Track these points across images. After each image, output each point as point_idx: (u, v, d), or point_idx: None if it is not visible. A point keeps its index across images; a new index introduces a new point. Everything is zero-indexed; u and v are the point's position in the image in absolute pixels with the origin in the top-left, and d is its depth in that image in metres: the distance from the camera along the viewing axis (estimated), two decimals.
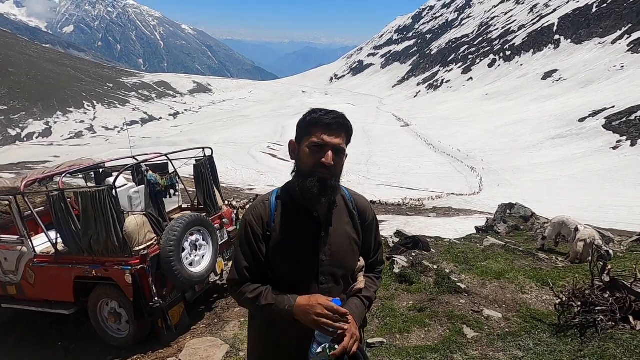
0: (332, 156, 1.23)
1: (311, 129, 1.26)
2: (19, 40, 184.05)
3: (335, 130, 1.24)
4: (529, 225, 9.51)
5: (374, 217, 1.48)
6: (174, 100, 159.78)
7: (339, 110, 1.32)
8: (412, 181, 42.84)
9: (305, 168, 1.27)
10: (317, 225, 1.32)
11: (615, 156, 42.11)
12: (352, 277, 1.42)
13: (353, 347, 1.20)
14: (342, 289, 1.38)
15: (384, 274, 4.68)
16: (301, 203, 1.32)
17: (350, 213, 1.40)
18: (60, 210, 3.36)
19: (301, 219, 1.33)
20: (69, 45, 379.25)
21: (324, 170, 1.23)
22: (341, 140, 1.26)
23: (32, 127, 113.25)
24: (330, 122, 1.24)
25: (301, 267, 1.32)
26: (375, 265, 1.51)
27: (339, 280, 1.36)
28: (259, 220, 1.34)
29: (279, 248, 1.32)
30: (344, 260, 1.36)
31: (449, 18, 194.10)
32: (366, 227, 1.44)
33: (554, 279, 3.61)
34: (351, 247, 1.38)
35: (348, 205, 1.40)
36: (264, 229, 1.33)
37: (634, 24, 75.97)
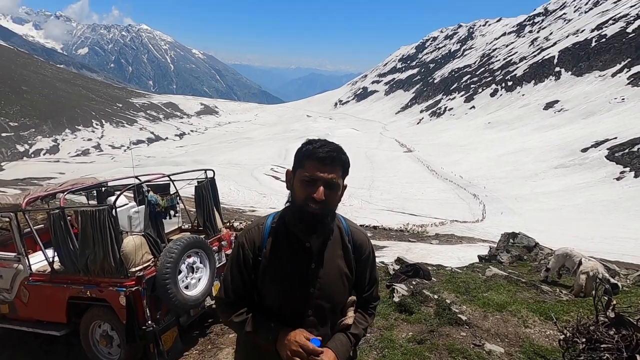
0: (323, 191, 1.20)
1: (305, 162, 1.24)
2: (34, 60, 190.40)
3: (328, 165, 1.21)
4: (533, 255, 9.36)
5: (371, 252, 1.44)
6: (181, 121, 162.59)
7: (342, 134, 1.30)
8: (415, 207, 42.62)
9: (297, 201, 1.26)
10: (308, 257, 1.30)
11: (619, 187, 41.89)
12: (341, 311, 1.38)
13: None
14: (329, 323, 1.35)
15: (383, 302, 4.61)
16: (294, 233, 1.30)
17: (345, 246, 1.36)
18: (60, 228, 3.36)
19: (293, 248, 1.31)
20: (82, 66, 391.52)
21: (315, 205, 1.20)
22: (335, 174, 1.23)
23: (40, 144, 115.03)
24: (324, 156, 1.21)
25: (288, 297, 1.30)
26: (369, 301, 1.47)
27: (325, 313, 1.33)
28: (251, 244, 1.33)
29: (267, 275, 1.31)
30: (333, 294, 1.33)
31: (452, 49, 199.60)
32: (361, 262, 1.40)
33: (558, 313, 3.52)
34: (342, 281, 1.35)
35: (343, 238, 1.37)
36: (254, 253, 1.32)
37: (632, 59, 77.64)
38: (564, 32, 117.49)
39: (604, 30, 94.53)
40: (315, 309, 1.30)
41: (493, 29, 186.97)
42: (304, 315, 1.30)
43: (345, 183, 1.32)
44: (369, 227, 25.02)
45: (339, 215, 1.39)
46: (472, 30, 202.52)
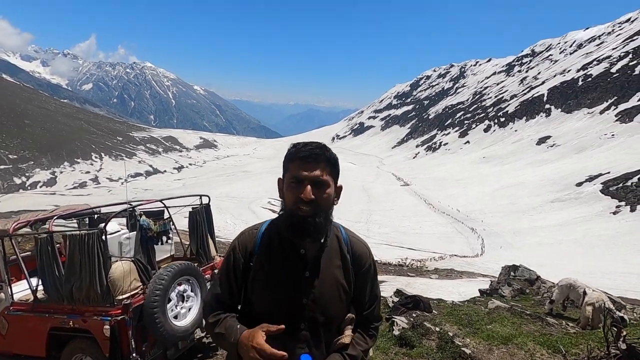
0: (310, 190, 1.15)
1: (289, 165, 1.21)
2: (39, 95, 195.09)
3: (312, 163, 1.18)
4: (535, 289, 9.14)
5: (372, 265, 1.35)
6: (180, 154, 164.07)
7: (340, 168, 1.25)
8: (413, 241, 42.13)
9: (287, 206, 1.21)
10: (303, 264, 1.23)
11: (616, 221, 41.83)
12: (337, 329, 1.27)
13: None
14: (324, 342, 1.24)
15: (382, 336, 4.39)
16: (288, 238, 1.24)
17: (343, 257, 1.28)
18: (46, 253, 3.24)
19: (286, 254, 1.23)
20: (86, 100, 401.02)
21: (304, 206, 1.15)
22: (320, 172, 1.18)
23: (37, 177, 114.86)
24: (306, 154, 1.18)
25: (280, 307, 1.21)
26: (370, 320, 1.36)
27: (319, 328, 1.23)
28: (243, 248, 1.28)
29: (258, 282, 1.23)
30: (328, 306, 1.23)
31: (445, 87, 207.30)
32: (361, 275, 1.31)
33: (566, 345, 3.35)
34: (338, 293, 1.25)
35: (342, 248, 1.29)
36: (246, 258, 1.26)
37: (618, 97, 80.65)
38: (551, 71, 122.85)
39: (589, 70, 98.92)
40: (309, 322, 1.21)
41: (484, 69, 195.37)
42: (296, 329, 1.21)
43: (340, 184, 1.27)
44: None
45: (339, 224, 1.33)
46: (463, 70, 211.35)
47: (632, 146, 60.93)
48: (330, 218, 1.25)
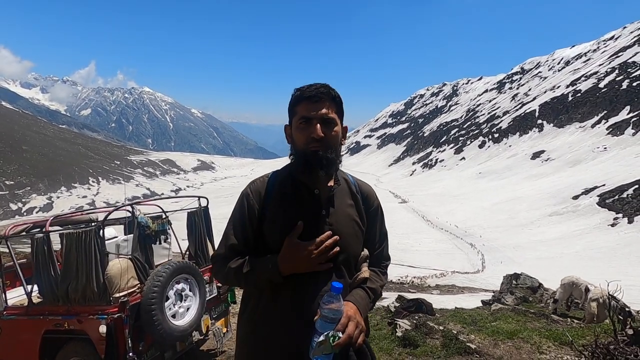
0: (320, 128, 1.18)
1: (296, 107, 1.23)
2: (37, 121, 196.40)
3: (319, 102, 1.20)
4: (538, 296, 8.99)
5: (379, 204, 1.41)
6: (177, 177, 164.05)
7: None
8: (413, 258, 41.71)
9: (298, 147, 1.23)
10: (318, 204, 1.24)
11: (615, 233, 41.77)
12: (355, 266, 1.29)
13: (359, 339, 1.07)
14: (343, 277, 1.25)
15: (385, 338, 4.29)
16: (301, 180, 1.26)
17: (354, 196, 1.33)
18: (42, 254, 3.19)
19: (300, 196, 1.25)
20: (84, 126, 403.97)
21: (316, 144, 1.18)
22: (327, 110, 1.21)
23: (34, 202, 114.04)
24: (312, 94, 1.20)
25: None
26: (380, 259, 1.38)
27: (340, 265, 1.23)
28: (256, 194, 1.28)
29: (275, 225, 1.23)
30: (347, 243, 1.24)
31: (438, 105, 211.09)
32: (371, 214, 1.35)
33: (573, 337, 3.28)
34: (354, 230, 1.28)
35: (351, 188, 1.34)
36: (260, 204, 1.27)
37: (608, 111, 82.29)
38: (541, 88, 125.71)
39: (578, 86, 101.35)
40: (330, 260, 1.21)
41: (475, 87, 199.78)
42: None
43: (345, 124, 1.31)
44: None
45: (343, 170, 1.37)
46: (456, 88, 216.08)
47: (624, 158, 61.69)
48: (340, 156, 1.29)
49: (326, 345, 1.01)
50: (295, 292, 1.19)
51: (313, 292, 1.17)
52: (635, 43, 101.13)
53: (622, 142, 69.50)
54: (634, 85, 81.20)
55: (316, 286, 1.18)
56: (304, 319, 1.13)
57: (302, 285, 1.19)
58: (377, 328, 5.03)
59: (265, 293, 1.22)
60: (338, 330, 1.04)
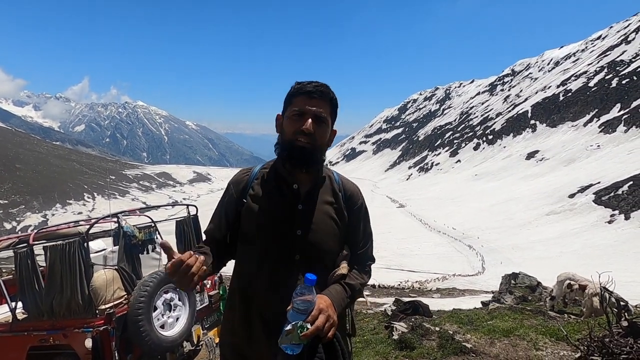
0: (311, 123, 1.18)
1: (293, 99, 1.23)
2: (31, 139, 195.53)
3: (316, 99, 1.21)
4: (537, 295, 8.95)
5: (363, 204, 1.38)
6: (174, 189, 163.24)
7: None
8: (412, 263, 41.59)
9: (286, 137, 1.23)
10: (296, 198, 1.24)
11: (612, 230, 41.94)
12: (332, 266, 1.27)
13: (329, 332, 1.05)
14: (319, 274, 1.20)
15: (382, 342, 4.23)
16: (281, 174, 1.27)
17: (335, 194, 1.31)
18: (26, 268, 3.12)
19: (279, 189, 1.26)
20: (78, 142, 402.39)
21: (304, 137, 1.18)
22: (323, 109, 1.22)
23: (28, 220, 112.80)
24: (311, 90, 1.21)
25: (275, 239, 1.22)
26: (365, 258, 1.36)
27: (313, 261, 1.22)
28: (237, 184, 1.32)
29: (252, 216, 1.25)
30: (322, 240, 1.23)
31: (432, 109, 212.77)
32: (354, 212, 1.33)
33: (569, 332, 3.24)
34: (331, 228, 1.26)
35: (333, 185, 1.33)
36: (239, 194, 1.29)
37: (599, 109, 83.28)
38: (532, 89, 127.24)
39: (568, 86, 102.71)
40: (303, 254, 1.22)
41: (467, 90, 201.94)
42: (291, 261, 1.21)
43: (335, 129, 1.30)
44: (368, 286, 24.04)
45: (330, 168, 1.37)
46: (448, 92, 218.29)
47: (618, 155, 62.26)
48: (324, 156, 1.29)
49: (293, 335, 1.00)
50: (265, 290, 1.21)
51: (284, 293, 1.16)
52: (622, 42, 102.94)
53: (615, 140, 70.23)
54: (623, 83, 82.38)
55: (287, 285, 1.17)
56: (274, 307, 1.16)
57: (273, 283, 1.20)
58: (375, 332, 4.96)
59: (237, 300, 1.28)
60: (307, 322, 1.03)
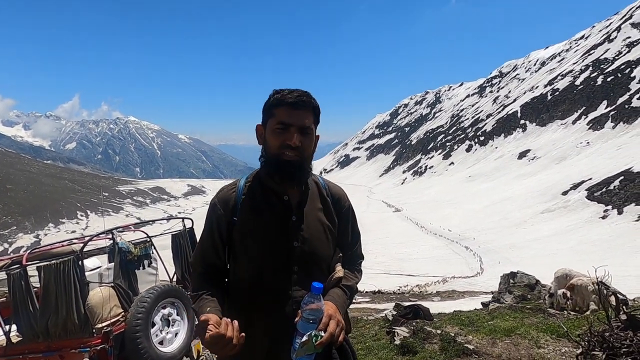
0: (297, 137, 1.17)
1: (275, 110, 1.20)
2: (21, 158, 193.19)
3: (300, 110, 1.19)
4: (536, 293, 8.97)
5: (350, 206, 1.40)
6: (168, 204, 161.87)
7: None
8: (411, 267, 41.53)
9: (271, 151, 1.20)
10: (288, 209, 1.23)
11: (606, 225, 42.34)
12: (328, 269, 1.29)
13: (340, 337, 1.07)
14: (316, 280, 1.22)
15: (384, 347, 4.20)
16: (270, 187, 1.25)
17: (324, 199, 1.31)
18: (20, 289, 3.06)
19: (270, 202, 1.24)
20: (70, 160, 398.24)
21: (291, 151, 1.17)
22: (307, 119, 1.20)
23: (21, 241, 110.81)
24: (294, 101, 1.18)
25: (271, 253, 1.20)
26: (355, 258, 1.40)
27: (311, 269, 1.23)
28: (223, 203, 1.26)
29: (245, 233, 1.22)
30: (318, 247, 1.24)
31: (423, 112, 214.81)
32: (342, 215, 1.35)
33: (570, 328, 3.25)
34: (325, 234, 1.27)
35: (321, 192, 1.33)
36: (228, 213, 1.25)
37: (586, 107, 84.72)
38: (520, 89, 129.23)
39: (555, 85, 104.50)
40: (301, 265, 1.21)
41: (457, 93, 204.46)
42: (289, 272, 1.20)
43: (318, 134, 1.28)
44: (367, 292, 23.92)
45: (314, 173, 1.36)
46: (438, 95, 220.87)
47: (607, 151, 63.21)
48: (311, 165, 1.29)
49: (309, 345, 1.02)
50: (266, 306, 1.19)
51: (287, 307, 1.19)
52: (605, 40, 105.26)
53: (604, 136, 71.37)
54: (608, 81, 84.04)
55: (288, 296, 1.20)
56: (277, 324, 1.17)
57: (273, 297, 1.19)
58: (376, 338, 4.92)
59: (236, 316, 1.19)
60: (320, 330, 1.04)
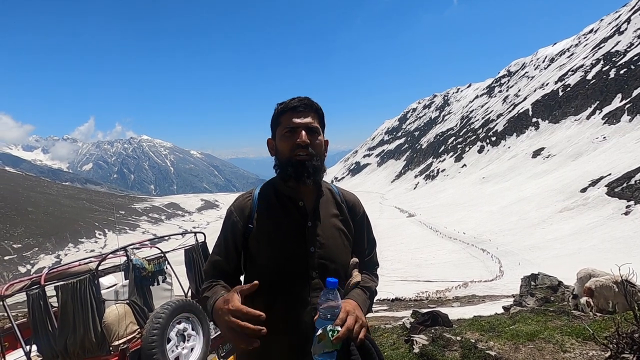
0: (305, 135, 1.20)
1: (280, 118, 1.25)
2: (41, 181, 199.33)
3: (303, 112, 1.23)
4: (559, 295, 8.68)
5: (365, 213, 1.40)
6: (183, 219, 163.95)
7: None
8: (429, 272, 40.77)
9: (283, 156, 1.23)
10: (304, 215, 1.24)
11: (630, 221, 40.91)
12: (345, 276, 1.27)
13: (360, 333, 1.03)
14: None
15: (403, 357, 4.10)
16: (285, 193, 1.26)
17: (339, 205, 1.32)
18: (39, 309, 3.11)
19: (286, 209, 1.24)
20: (87, 180, 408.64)
21: (302, 151, 1.19)
22: (311, 119, 1.23)
23: (42, 262, 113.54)
24: (296, 105, 1.23)
25: (289, 259, 1.20)
26: (371, 265, 1.39)
27: (330, 274, 1.22)
28: (239, 211, 1.27)
29: (262, 240, 1.22)
30: (335, 253, 1.24)
31: (432, 116, 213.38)
32: (357, 222, 1.35)
33: (596, 330, 3.12)
34: (341, 240, 1.27)
35: (336, 198, 1.34)
36: (244, 220, 1.26)
37: (600, 101, 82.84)
38: (530, 87, 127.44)
39: (566, 81, 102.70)
40: (319, 270, 1.21)
41: (466, 94, 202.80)
42: (307, 278, 1.20)
43: (326, 138, 1.31)
44: (384, 300, 23.57)
45: (326, 181, 1.37)
46: (447, 98, 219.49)
47: (625, 145, 61.45)
48: (324, 166, 1.29)
49: (325, 341, 0.96)
50: (284, 313, 1.17)
51: (303, 308, 1.18)
52: (615, 33, 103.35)
53: (620, 130, 69.50)
54: (621, 73, 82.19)
55: (307, 303, 1.18)
56: (299, 333, 1.15)
57: (291, 303, 1.17)
58: (394, 347, 4.82)
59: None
60: (336, 325, 0.99)
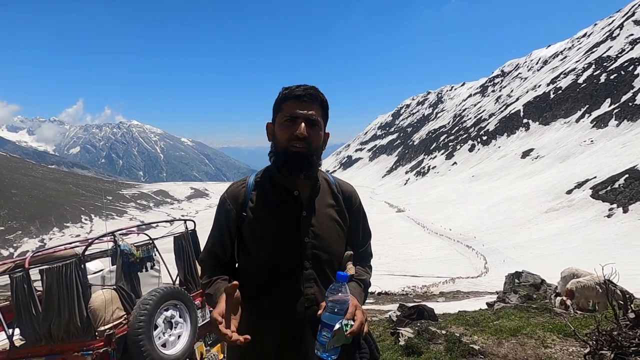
0: (305, 128, 1.16)
1: (283, 105, 1.21)
2: (26, 163, 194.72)
3: (307, 102, 1.19)
4: (542, 293, 8.90)
5: (361, 204, 1.38)
6: (172, 207, 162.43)
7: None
8: (415, 268, 41.35)
9: (280, 144, 1.20)
10: (298, 205, 1.22)
11: (612, 224, 42.01)
12: (339, 267, 1.26)
13: (365, 327, 1.07)
14: (328, 277, 1.22)
15: (389, 349, 4.16)
16: (280, 182, 1.24)
17: (335, 196, 1.30)
18: (22, 293, 3.05)
19: (280, 198, 1.23)
20: (74, 164, 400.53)
21: (299, 143, 1.16)
22: (314, 112, 1.20)
23: (26, 246, 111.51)
24: (300, 93, 1.19)
25: (282, 249, 1.19)
26: (366, 257, 1.38)
27: (323, 265, 1.21)
28: (233, 199, 1.25)
29: (255, 229, 1.21)
30: (330, 243, 1.23)
31: (425, 113, 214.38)
32: (353, 213, 1.33)
33: (577, 327, 3.21)
34: (336, 230, 1.26)
35: (332, 188, 1.32)
36: (238, 209, 1.24)
37: (590, 105, 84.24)
38: (523, 88, 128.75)
39: (558, 83, 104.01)
40: (313, 261, 1.20)
41: (459, 92, 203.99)
42: (301, 268, 1.19)
43: (327, 131, 1.28)
44: (371, 294, 23.84)
45: (323, 170, 1.36)
46: (440, 95, 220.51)
47: (612, 149, 62.77)
48: (320, 159, 1.27)
49: (339, 336, 0.97)
50: (277, 303, 1.17)
51: (294, 298, 1.18)
52: (607, 38, 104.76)
53: (608, 134, 70.89)
54: (611, 78, 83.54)
55: (300, 293, 1.18)
56: (294, 317, 1.16)
57: (284, 294, 1.17)
58: (380, 339, 4.89)
59: (246, 315, 1.13)
60: (348, 319, 1.00)
